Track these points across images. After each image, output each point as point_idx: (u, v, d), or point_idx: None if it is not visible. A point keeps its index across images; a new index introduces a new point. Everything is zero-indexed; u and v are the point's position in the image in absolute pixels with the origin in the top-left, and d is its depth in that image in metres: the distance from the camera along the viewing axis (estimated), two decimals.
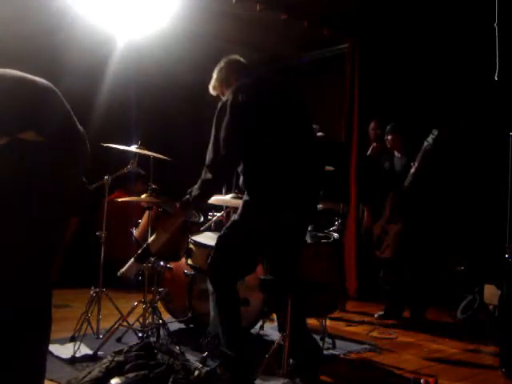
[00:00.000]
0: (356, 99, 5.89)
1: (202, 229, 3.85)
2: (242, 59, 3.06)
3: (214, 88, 3.07)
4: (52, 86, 2.30)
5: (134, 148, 3.55)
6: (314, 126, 4.45)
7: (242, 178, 2.81)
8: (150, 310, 3.44)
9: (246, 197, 2.80)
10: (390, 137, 4.87)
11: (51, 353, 2.92)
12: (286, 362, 2.71)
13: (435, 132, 4.49)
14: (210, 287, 2.81)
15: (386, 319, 4.74)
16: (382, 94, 5.65)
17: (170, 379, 2.57)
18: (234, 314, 2.80)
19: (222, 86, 3.00)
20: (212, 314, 2.82)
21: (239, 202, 3.45)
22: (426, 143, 4.50)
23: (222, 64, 3.06)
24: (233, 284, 2.82)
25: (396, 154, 4.89)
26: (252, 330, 3.72)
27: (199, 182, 2.77)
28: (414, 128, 4.96)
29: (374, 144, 5.18)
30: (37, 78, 2.27)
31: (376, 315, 4.84)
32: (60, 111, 2.24)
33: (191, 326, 3.85)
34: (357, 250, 5.72)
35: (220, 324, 2.76)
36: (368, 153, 5.20)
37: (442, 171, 4.74)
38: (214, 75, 3.07)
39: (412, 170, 4.60)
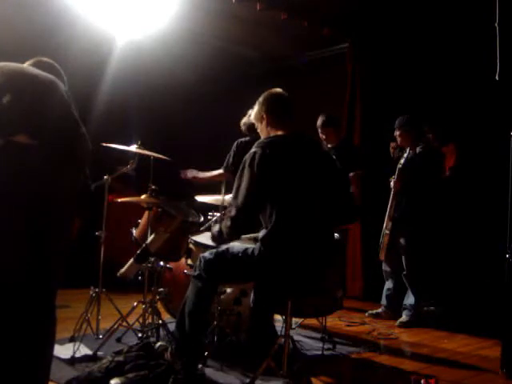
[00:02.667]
0: (358, 99, 5.89)
1: (201, 229, 3.85)
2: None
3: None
4: (53, 80, 2.28)
5: (133, 148, 3.55)
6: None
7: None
8: (149, 310, 3.44)
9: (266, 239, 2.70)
10: (398, 132, 4.76)
11: None
12: (287, 362, 2.72)
13: (407, 150, 4.58)
14: (195, 273, 2.84)
15: (379, 318, 4.76)
16: (383, 93, 5.64)
17: (170, 379, 2.58)
18: (205, 305, 2.86)
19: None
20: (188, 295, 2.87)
21: None
22: (400, 162, 4.58)
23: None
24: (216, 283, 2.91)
25: (407, 150, 4.75)
26: None
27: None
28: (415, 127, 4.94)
29: (393, 144, 5.08)
30: (38, 74, 2.26)
31: (367, 313, 4.84)
32: (59, 110, 2.23)
33: None
34: (362, 250, 5.71)
35: (188, 308, 2.81)
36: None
37: (423, 180, 4.68)
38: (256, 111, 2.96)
39: (392, 190, 4.63)
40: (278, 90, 2.97)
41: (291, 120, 2.90)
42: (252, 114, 2.99)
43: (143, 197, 3.50)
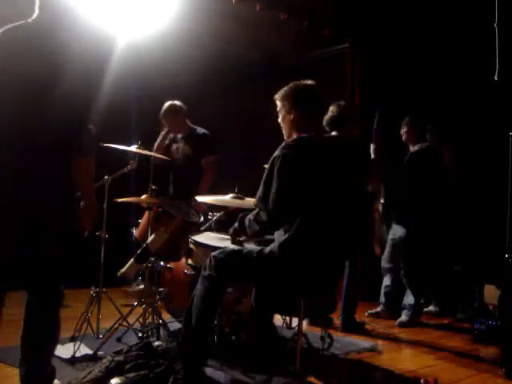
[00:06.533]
0: (357, 99, 5.89)
1: (202, 229, 3.85)
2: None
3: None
4: (58, 68, 2.23)
5: (134, 148, 3.55)
6: None
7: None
8: (150, 310, 3.44)
9: (285, 240, 2.67)
10: (404, 129, 4.80)
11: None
12: (299, 360, 2.75)
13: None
14: (205, 272, 2.84)
15: (378, 317, 4.77)
16: (382, 93, 5.64)
17: (170, 379, 2.58)
18: (214, 305, 2.86)
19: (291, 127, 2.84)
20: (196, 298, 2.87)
21: (239, 202, 3.47)
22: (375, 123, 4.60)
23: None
24: (226, 283, 2.90)
25: (410, 148, 4.81)
26: None
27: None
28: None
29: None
30: (41, 68, 2.23)
31: (366, 313, 4.85)
32: (59, 107, 2.22)
33: None
34: (358, 250, 5.71)
35: (196, 310, 2.81)
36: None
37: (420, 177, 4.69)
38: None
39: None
40: (313, 84, 2.85)
41: (318, 122, 2.82)
42: (279, 94, 2.84)
43: (143, 197, 3.50)
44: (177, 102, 4.68)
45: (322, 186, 2.68)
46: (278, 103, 2.86)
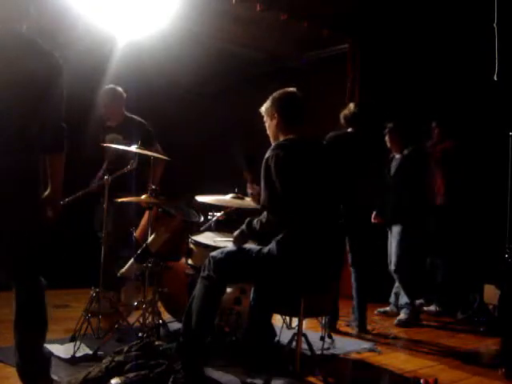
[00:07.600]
0: (357, 99, 5.89)
1: (202, 229, 3.85)
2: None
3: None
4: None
5: (134, 148, 3.55)
6: None
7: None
8: (149, 309, 3.44)
9: (282, 240, 2.71)
10: (388, 136, 4.77)
11: (51, 353, 2.93)
12: (298, 359, 2.76)
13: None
14: (204, 273, 2.86)
15: (387, 316, 4.80)
16: (382, 93, 5.65)
17: (170, 379, 2.58)
18: (213, 305, 2.88)
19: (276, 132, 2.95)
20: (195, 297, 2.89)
21: (239, 202, 3.48)
22: None
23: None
24: (225, 283, 2.93)
25: (395, 155, 4.81)
26: None
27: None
28: (413, 128, 4.94)
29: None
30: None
31: (376, 311, 4.87)
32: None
33: None
34: None
35: (196, 308, 2.84)
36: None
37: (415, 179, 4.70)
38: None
39: None
40: (292, 90, 2.97)
41: (301, 124, 2.91)
42: (263, 107, 2.98)
43: (143, 197, 3.50)
44: (119, 88, 4.47)
45: (315, 184, 2.75)
46: (263, 114, 2.98)
